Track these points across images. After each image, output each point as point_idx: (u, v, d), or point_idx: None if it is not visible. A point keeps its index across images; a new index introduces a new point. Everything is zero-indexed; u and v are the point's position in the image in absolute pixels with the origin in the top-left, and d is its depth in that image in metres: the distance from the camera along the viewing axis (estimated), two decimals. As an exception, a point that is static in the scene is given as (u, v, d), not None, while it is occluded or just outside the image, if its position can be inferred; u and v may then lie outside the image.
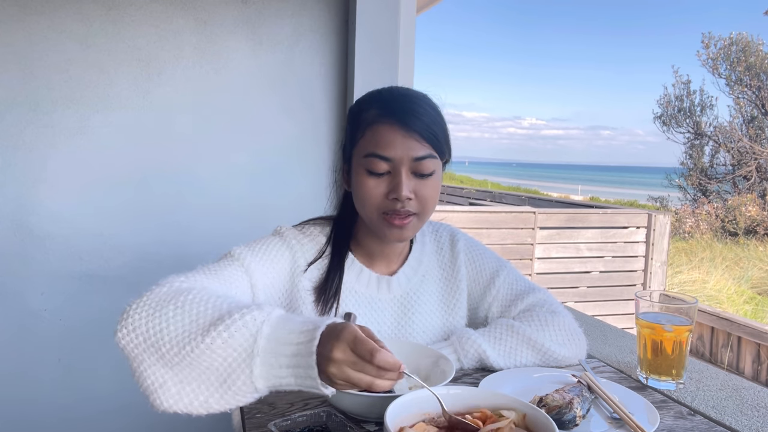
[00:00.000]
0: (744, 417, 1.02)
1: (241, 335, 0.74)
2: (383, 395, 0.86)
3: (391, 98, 1.05)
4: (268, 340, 0.74)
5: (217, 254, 1.08)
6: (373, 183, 1.02)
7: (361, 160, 1.03)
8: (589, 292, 5.59)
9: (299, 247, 1.11)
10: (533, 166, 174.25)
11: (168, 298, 0.82)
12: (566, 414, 0.88)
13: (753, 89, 13.95)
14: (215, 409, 0.77)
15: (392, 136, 1.00)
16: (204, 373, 0.75)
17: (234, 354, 0.74)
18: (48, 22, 1.77)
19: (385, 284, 1.16)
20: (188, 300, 0.81)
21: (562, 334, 1.16)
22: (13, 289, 1.81)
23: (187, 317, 0.78)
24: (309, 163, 2.04)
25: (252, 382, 0.74)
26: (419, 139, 1.00)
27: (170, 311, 0.79)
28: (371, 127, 1.03)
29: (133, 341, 0.79)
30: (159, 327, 0.78)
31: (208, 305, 0.80)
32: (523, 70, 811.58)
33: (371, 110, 1.04)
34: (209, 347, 0.74)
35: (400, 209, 1.01)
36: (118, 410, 1.88)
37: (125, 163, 1.87)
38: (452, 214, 5.25)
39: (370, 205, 1.04)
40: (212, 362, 0.75)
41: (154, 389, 0.77)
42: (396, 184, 1.01)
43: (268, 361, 0.73)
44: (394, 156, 1.00)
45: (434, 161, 1.03)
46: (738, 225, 11.50)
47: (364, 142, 1.03)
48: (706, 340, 4.84)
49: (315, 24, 2.00)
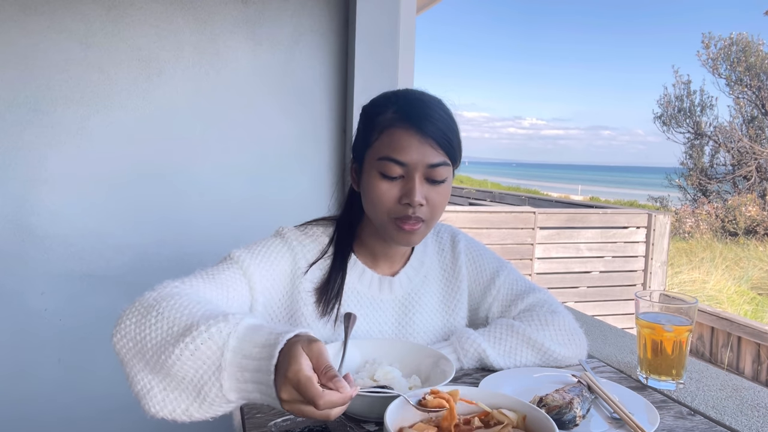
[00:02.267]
0: (744, 417, 1.02)
1: (207, 347, 0.73)
2: (383, 395, 0.86)
3: (408, 102, 1.04)
4: (234, 354, 0.72)
5: (216, 254, 1.08)
6: (386, 186, 1.02)
7: (374, 162, 1.03)
8: (589, 292, 5.59)
9: (300, 248, 1.11)
10: (533, 166, 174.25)
11: (154, 304, 0.82)
12: (566, 414, 0.88)
13: (753, 89, 13.95)
14: (197, 417, 0.76)
15: (408, 141, 1.00)
16: (182, 382, 0.75)
17: (204, 366, 0.73)
18: (48, 22, 1.77)
19: (387, 285, 1.16)
20: (168, 306, 0.81)
21: (562, 333, 1.16)
22: (13, 289, 1.81)
23: (165, 324, 0.78)
24: (309, 163, 2.04)
25: (224, 395, 0.73)
26: (434, 146, 1.00)
27: (152, 317, 0.79)
28: (387, 130, 1.02)
29: (125, 346, 0.80)
30: (143, 333, 0.78)
31: (184, 312, 0.79)
32: (524, 69, 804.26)
33: (388, 113, 1.04)
34: (179, 358, 0.74)
35: (411, 215, 1.01)
36: (118, 410, 1.88)
37: (125, 163, 1.87)
38: (452, 214, 5.24)
39: (382, 208, 1.03)
40: (186, 372, 0.74)
41: (143, 394, 0.77)
42: (409, 190, 1.00)
43: (235, 375, 0.72)
44: (410, 161, 1.00)
45: (447, 168, 1.03)
46: (738, 225, 11.50)
47: (380, 144, 1.03)
48: (706, 340, 4.84)
49: (315, 24, 2.00)
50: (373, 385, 0.94)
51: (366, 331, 1.12)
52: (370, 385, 0.94)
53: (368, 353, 1.06)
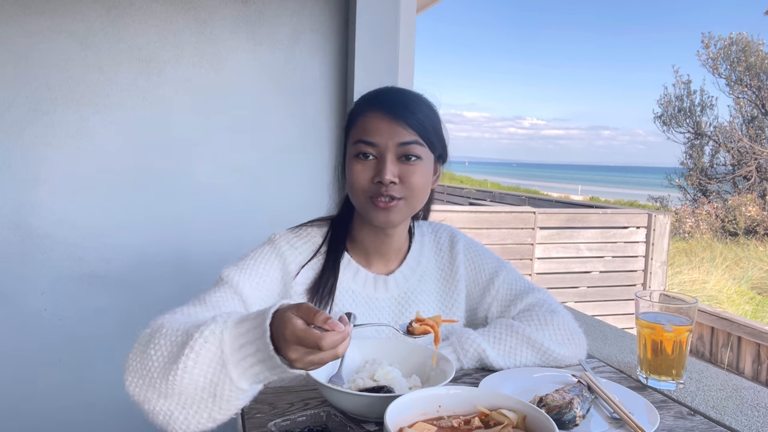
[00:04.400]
0: (744, 417, 1.02)
1: (206, 350, 0.77)
2: (383, 395, 0.86)
3: (382, 92, 1.11)
4: (231, 346, 0.77)
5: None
6: (360, 167, 1.06)
7: (351, 148, 1.08)
8: (589, 292, 5.59)
9: (290, 252, 1.13)
10: (533, 166, 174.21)
11: (149, 339, 0.85)
12: (566, 414, 0.88)
13: (753, 89, 13.95)
14: (221, 419, 0.80)
15: (378, 123, 1.05)
16: (196, 393, 0.78)
17: (210, 369, 0.77)
18: (48, 22, 1.77)
19: (382, 284, 1.16)
20: (162, 335, 0.84)
21: (562, 333, 1.16)
22: (13, 289, 1.81)
23: (163, 349, 0.81)
24: (309, 162, 2.04)
25: (237, 387, 0.77)
26: (405, 126, 1.04)
27: (151, 350, 0.82)
28: (360, 117, 1.08)
29: (136, 385, 0.82)
30: (147, 366, 0.81)
31: (177, 333, 0.82)
32: (524, 69, 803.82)
33: (363, 104, 1.10)
34: (184, 370, 0.77)
35: (384, 192, 1.04)
36: (117, 410, 1.88)
37: (125, 163, 1.87)
38: (452, 214, 5.24)
39: (358, 188, 1.06)
40: (196, 382, 0.77)
41: (165, 422, 0.80)
42: (380, 168, 1.04)
43: (239, 364, 0.76)
44: (380, 141, 1.04)
45: (421, 148, 1.06)
46: (738, 225, 11.50)
47: (354, 131, 1.08)
48: (706, 340, 4.84)
49: (315, 24, 2.00)
50: (373, 385, 0.94)
51: (362, 329, 1.13)
52: (370, 385, 0.94)
53: (368, 353, 1.06)
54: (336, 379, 0.99)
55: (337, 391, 0.88)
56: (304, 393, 1.00)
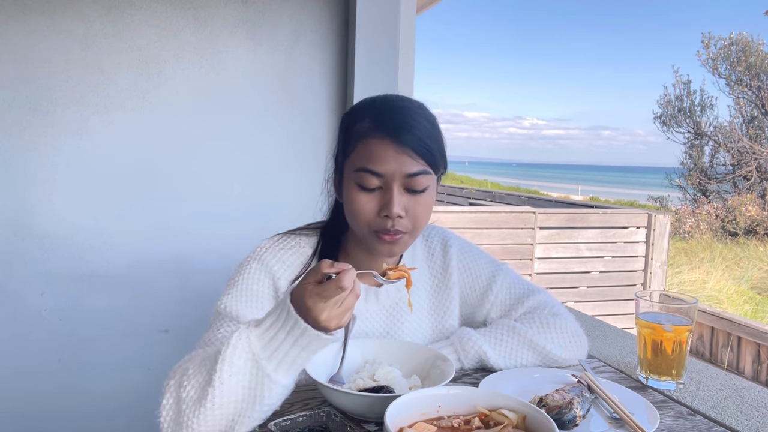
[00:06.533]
0: (744, 417, 1.02)
1: (239, 358, 0.79)
2: (383, 395, 0.86)
3: (385, 110, 1.02)
4: (260, 342, 0.78)
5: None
6: (365, 199, 1.00)
7: (352, 174, 1.01)
8: (589, 292, 5.59)
9: (278, 266, 1.09)
10: (533, 166, 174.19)
11: (177, 385, 0.84)
12: (566, 414, 0.88)
13: (753, 89, 13.95)
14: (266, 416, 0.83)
15: (384, 152, 0.98)
16: (239, 406, 0.80)
17: (247, 375, 0.79)
18: (48, 22, 1.77)
19: (373, 295, 1.14)
20: (188, 376, 0.83)
21: (564, 336, 1.16)
22: (12, 289, 1.81)
23: (195, 382, 0.82)
24: (308, 163, 2.03)
25: (276, 382, 0.79)
26: (412, 155, 0.98)
27: (182, 392, 0.82)
28: (363, 141, 1.00)
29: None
30: (182, 410, 0.81)
31: (205, 362, 0.83)
32: (524, 69, 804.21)
33: (364, 122, 1.01)
34: (222, 385, 0.78)
35: (390, 227, 0.99)
36: (118, 410, 1.88)
37: (125, 163, 1.87)
38: (452, 215, 5.24)
39: (361, 221, 1.02)
40: (236, 394, 0.79)
41: None
42: (387, 201, 0.98)
43: (275, 356, 0.78)
44: (386, 172, 0.98)
45: (428, 177, 1.01)
46: (738, 225, 11.50)
47: (356, 155, 1.01)
48: (706, 340, 4.84)
49: (315, 24, 1.99)
50: (373, 385, 0.94)
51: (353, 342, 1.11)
52: (370, 385, 0.94)
53: (368, 353, 1.06)
54: (336, 379, 0.99)
55: (337, 391, 0.88)
56: (304, 393, 1.00)
